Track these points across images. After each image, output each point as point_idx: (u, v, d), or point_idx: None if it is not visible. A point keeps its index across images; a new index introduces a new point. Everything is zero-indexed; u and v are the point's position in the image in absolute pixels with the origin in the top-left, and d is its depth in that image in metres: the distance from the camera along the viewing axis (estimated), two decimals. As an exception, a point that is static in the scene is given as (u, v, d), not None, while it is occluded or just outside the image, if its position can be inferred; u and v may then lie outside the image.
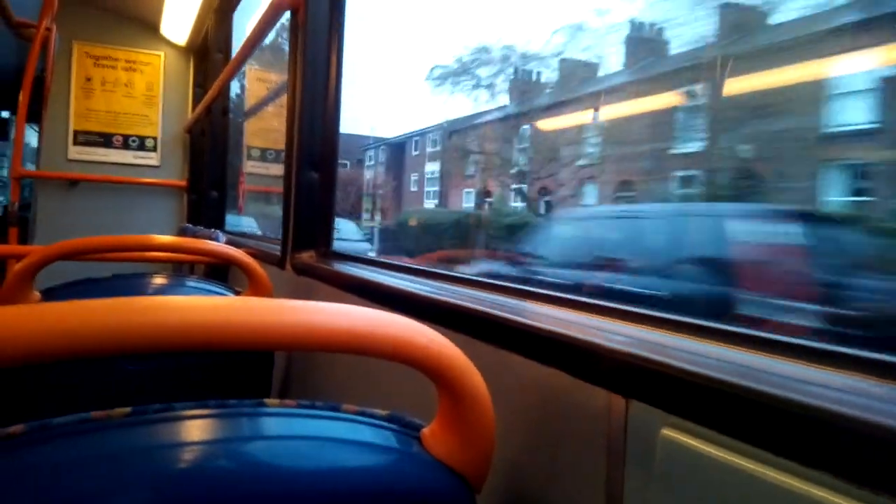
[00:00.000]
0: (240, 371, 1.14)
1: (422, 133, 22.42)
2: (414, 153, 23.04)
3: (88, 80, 3.59)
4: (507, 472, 0.65)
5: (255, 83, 4.21)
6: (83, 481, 0.39)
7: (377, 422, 0.52)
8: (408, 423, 0.53)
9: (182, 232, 3.48)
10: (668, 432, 0.46)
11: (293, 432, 0.48)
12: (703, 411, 0.44)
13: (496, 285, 0.87)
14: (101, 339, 0.38)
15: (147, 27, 3.66)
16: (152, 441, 0.43)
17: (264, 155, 4.03)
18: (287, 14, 1.64)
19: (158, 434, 0.44)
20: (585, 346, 0.55)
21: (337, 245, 1.58)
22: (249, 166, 3.96)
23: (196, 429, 0.45)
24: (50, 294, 1.11)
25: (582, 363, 0.56)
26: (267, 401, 0.50)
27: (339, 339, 0.44)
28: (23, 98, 3.27)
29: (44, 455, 0.40)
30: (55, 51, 3.37)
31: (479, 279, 0.92)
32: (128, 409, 0.44)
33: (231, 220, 3.54)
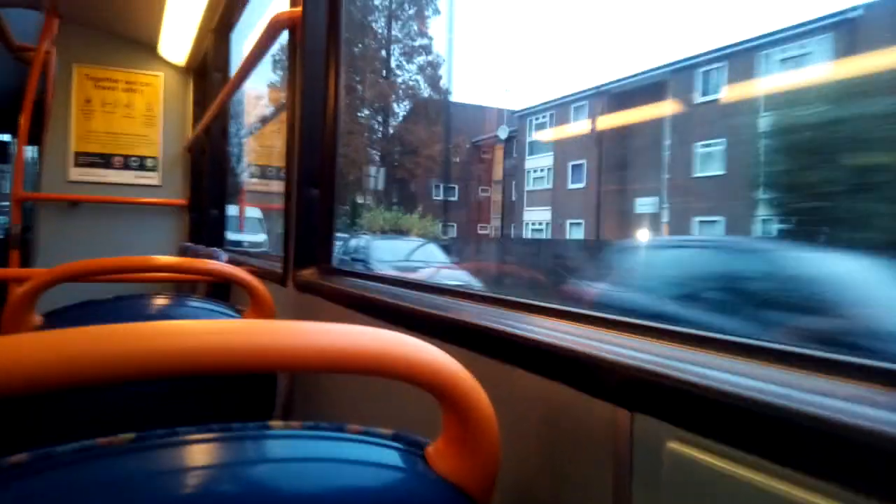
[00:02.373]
0: (242, 392, 1.13)
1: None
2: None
3: (88, 101, 3.61)
4: (512, 487, 0.64)
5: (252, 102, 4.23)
6: None
7: (382, 441, 0.52)
8: (412, 441, 0.53)
9: (183, 250, 3.48)
10: (674, 445, 0.46)
11: (299, 454, 0.48)
12: (709, 424, 0.44)
13: (498, 299, 0.87)
14: (103, 366, 0.38)
15: (146, 48, 3.68)
16: (157, 467, 0.43)
17: (264, 172, 4.04)
18: (285, 33, 1.65)
19: (163, 460, 0.44)
20: (588, 360, 0.55)
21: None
22: (249, 184, 3.97)
23: (201, 453, 0.45)
24: (52, 318, 1.11)
25: (585, 377, 0.56)
26: (271, 423, 0.50)
27: (341, 359, 0.44)
28: (23, 121, 3.29)
29: (49, 484, 0.40)
30: (55, 73, 3.39)
31: (482, 293, 0.92)
32: (132, 435, 0.44)
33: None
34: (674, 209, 12.44)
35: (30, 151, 4.29)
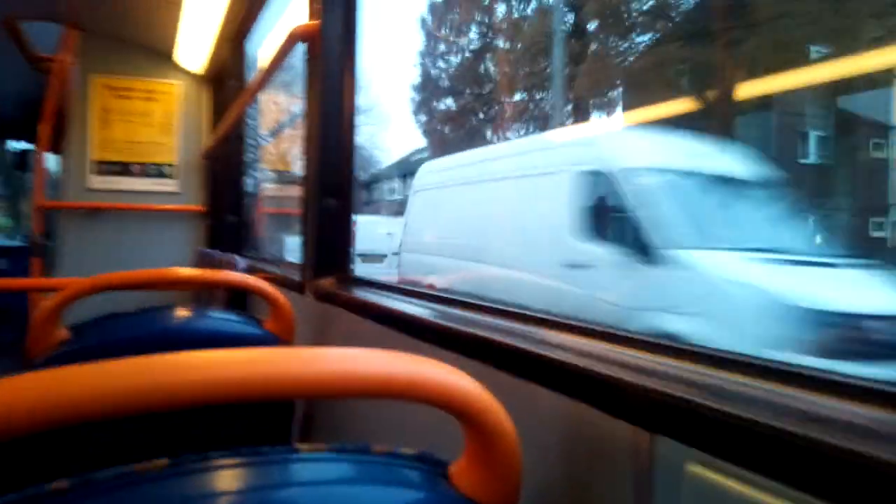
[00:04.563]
0: (260, 415, 1.15)
1: None
2: None
3: (107, 111, 3.66)
4: None
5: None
6: None
7: (406, 461, 0.53)
8: (435, 461, 0.54)
9: (201, 256, 3.52)
10: (694, 468, 0.47)
11: (328, 476, 0.50)
12: (729, 448, 0.45)
13: (518, 314, 0.88)
14: (140, 398, 0.40)
15: (163, 57, 3.73)
16: (193, 491, 0.45)
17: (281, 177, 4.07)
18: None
19: (198, 484, 0.45)
20: (610, 381, 0.56)
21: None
22: (266, 189, 4.00)
23: (233, 477, 0.47)
24: (78, 331, 1.13)
25: (606, 397, 0.57)
26: (299, 446, 0.51)
27: (366, 385, 0.46)
28: (43, 130, 3.34)
29: None
30: (74, 83, 3.44)
31: (502, 308, 0.93)
32: (165, 461, 0.46)
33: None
34: None
35: (51, 160, 4.35)
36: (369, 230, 11.03)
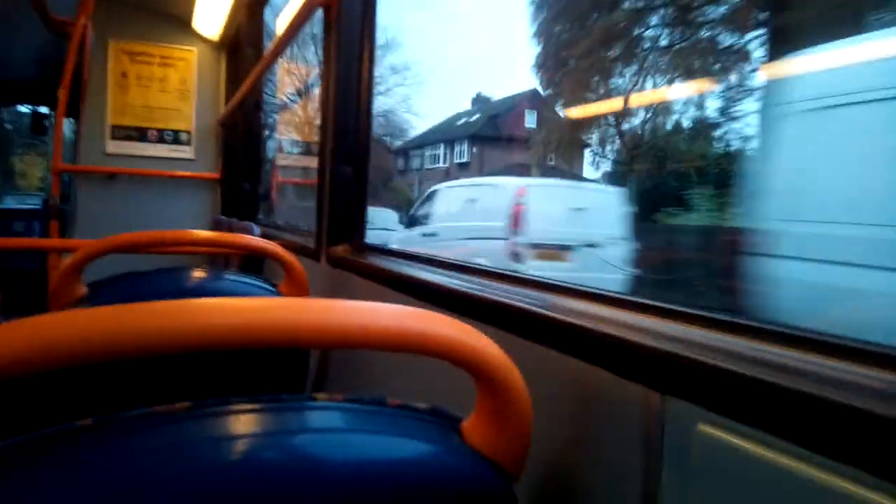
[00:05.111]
0: (275, 365, 1.17)
1: None
2: None
3: (124, 75, 3.67)
4: (544, 463, 0.66)
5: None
6: (149, 470, 0.41)
7: (420, 415, 0.54)
8: (448, 415, 0.55)
9: (216, 223, 3.55)
10: (704, 428, 0.48)
11: (343, 425, 0.51)
12: (739, 408, 0.45)
13: (531, 280, 0.88)
14: (152, 340, 0.41)
15: (180, 23, 3.72)
16: (212, 434, 0.46)
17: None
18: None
19: (218, 427, 0.47)
20: (621, 342, 0.57)
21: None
22: (281, 158, 4.01)
23: (252, 422, 0.48)
24: (96, 287, 1.16)
25: (617, 359, 0.57)
26: (317, 395, 0.52)
27: (382, 337, 0.47)
28: (62, 94, 3.36)
29: (113, 445, 0.43)
30: (91, 48, 3.45)
31: (514, 274, 0.94)
32: (187, 404, 0.47)
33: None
34: None
35: (69, 124, 4.38)
36: (548, 204, 7.16)
